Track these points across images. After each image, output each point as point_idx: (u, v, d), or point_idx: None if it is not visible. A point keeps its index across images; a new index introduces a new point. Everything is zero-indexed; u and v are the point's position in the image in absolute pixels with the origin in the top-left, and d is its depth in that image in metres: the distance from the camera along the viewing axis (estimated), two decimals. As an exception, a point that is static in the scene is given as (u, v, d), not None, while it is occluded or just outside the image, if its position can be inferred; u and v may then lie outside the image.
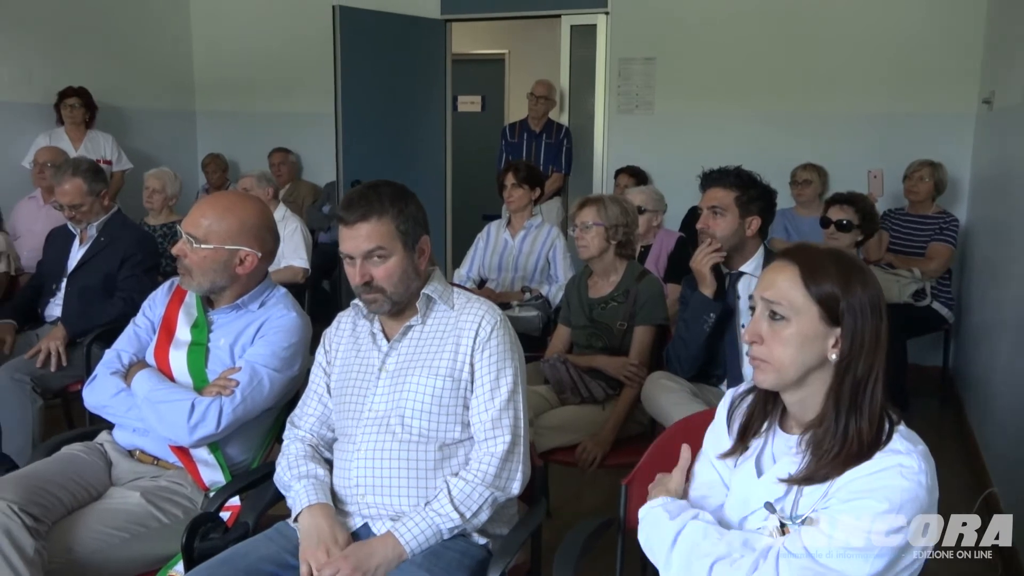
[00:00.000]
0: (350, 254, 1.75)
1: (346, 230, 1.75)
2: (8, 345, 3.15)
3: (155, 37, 6.08)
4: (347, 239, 1.75)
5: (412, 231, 1.76)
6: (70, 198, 3.23)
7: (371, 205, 1.73)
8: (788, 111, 5.12)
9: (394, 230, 1.74)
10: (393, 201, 1.74)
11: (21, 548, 1.67)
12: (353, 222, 1.73)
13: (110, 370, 2.08)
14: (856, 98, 4.95)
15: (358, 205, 1.73)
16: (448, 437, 1.74)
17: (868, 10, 4.88)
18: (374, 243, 1.73)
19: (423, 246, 1.80)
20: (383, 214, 1.73)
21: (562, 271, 3.89)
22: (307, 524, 1.71)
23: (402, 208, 1.75)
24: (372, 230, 1.73)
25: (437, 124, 5.77)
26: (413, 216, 1.77)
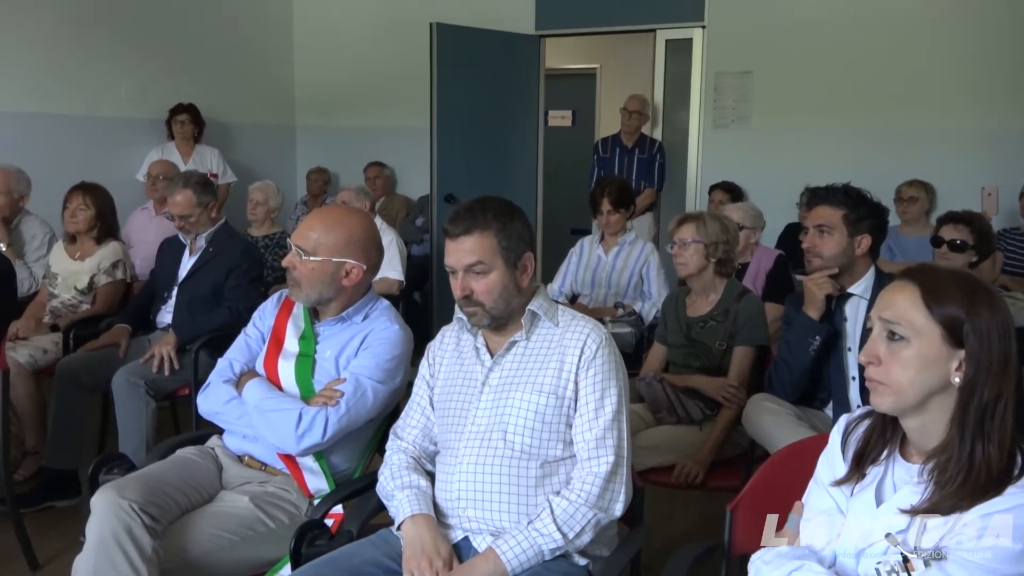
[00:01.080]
0: (453, 267, 1.78)
1: (450, 243, 1.77)
2: (123, 349, 3.31)
3: (260, 56, 6.33)
4: (451, 252, 1.77)
5: (515, 248, 1.77)
6: (180, 209, 3.37)
7: (475, 219, 1.74)
8: (891, 125, 4.95)
9: (496, 245, 1.75)
10: (497, 216, 1.75)
11: (141, 546, 1.74)
12: (457, 235, 1.75)
13: (223, 378, 2.16)
14: (966, 112, 4.75)
15: (463, 219, 1.75)
16: (550, 455, 1.74)
17: (979, 22, 4.67)
18: (475, 257, 1.74)
19: (526, 263, 1.80)
20: (486, 229, 1.74)
21: (656, 288, 3.85)
22: (411, 534, 1.72)
23: (506, 224, 1.76)
24: (474, 244, 1.74)
25: (529, 139, 5.80)
26: (517, 233, 1.77)
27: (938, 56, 4.78)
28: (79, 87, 5.05)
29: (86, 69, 5.07)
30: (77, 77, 5.03)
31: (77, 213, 3.67)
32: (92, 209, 3.67)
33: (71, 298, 3.68)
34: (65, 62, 4.95)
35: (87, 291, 3.67)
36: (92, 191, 3.70)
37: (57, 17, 4.87)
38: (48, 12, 4.82)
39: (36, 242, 3.96)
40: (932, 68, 4.80)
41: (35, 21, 4.76)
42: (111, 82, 5.24)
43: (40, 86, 4.84)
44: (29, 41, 4.75)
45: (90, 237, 3.70)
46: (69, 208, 3.69)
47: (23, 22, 4.71)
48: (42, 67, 4.84)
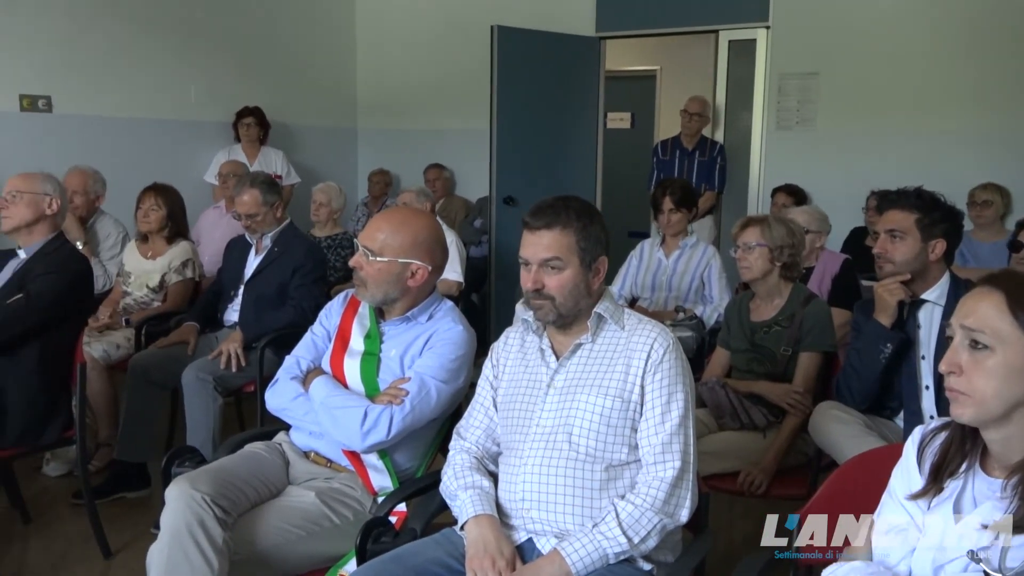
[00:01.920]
0: (528, 259, 1.79)
1: (529, 235, 1.78)
2: (192, 347, 3.39)
3: (323, 60, 6.45)
4: (528, 244, 1.78)
5: (591, 249, 1.77)
6: (247, 208, 3.45)
7: (557, 215, 1.75)
8: (962, 127, 4.79)
9: (574, 244, 1.75)
10: (579, 216, 1.76)
11: (212, 537, 1.79)
12: (537, 228, 1.77)
13: (290, 375, 2.20)
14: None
15: (545, 213, 1.76)
16: (615, 458, 1.73)
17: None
18: (552, 253, 1.75)
19: (599, 266, 1.80)
20: (567, 226, 1.75)
21: (717, 291, 3.80)
22: (474, 534, 1.73)
23: (587, 224, 1.76)
24: (553, 240, 1.75)
25: (588, 141, 5.79)
26: (596, 235, 1.78)
27: (1010, 56, 4.61)
28: (151, 92, 5.21)
29: (158, 74, 5.23)
30: (149, 82, 5.19)
31: (149, 213, 3.78)
32: (163, 209, 3.79)
33: (143, 296, 3.79)
34: (138, 68, 5.11)
35: (158, 289, 3.79)
36: (164, 192, 3.82)
37: (130, 24, 5.04)
38: (122, 20, 4.99)
39: (110, 241, 4.09)
40: (1004, 68, 4.63)
41: (109, 28, 4.94)
42: (181, 87, 5.39)
43: (115, 91, 5.01)
44: (104, 48, 4.92)
45: (161, 237, 3.82)
46: (142, 208, 3.81)
47: (98, 29, 4.88)
48: (116, 73, 5.01)
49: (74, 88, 4.81)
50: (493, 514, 1.77)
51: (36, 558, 2.89)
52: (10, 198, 2.73)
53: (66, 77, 4.77)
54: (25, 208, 2.73)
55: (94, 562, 2.82)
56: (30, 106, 4.64)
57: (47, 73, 4.69)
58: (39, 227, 2.77)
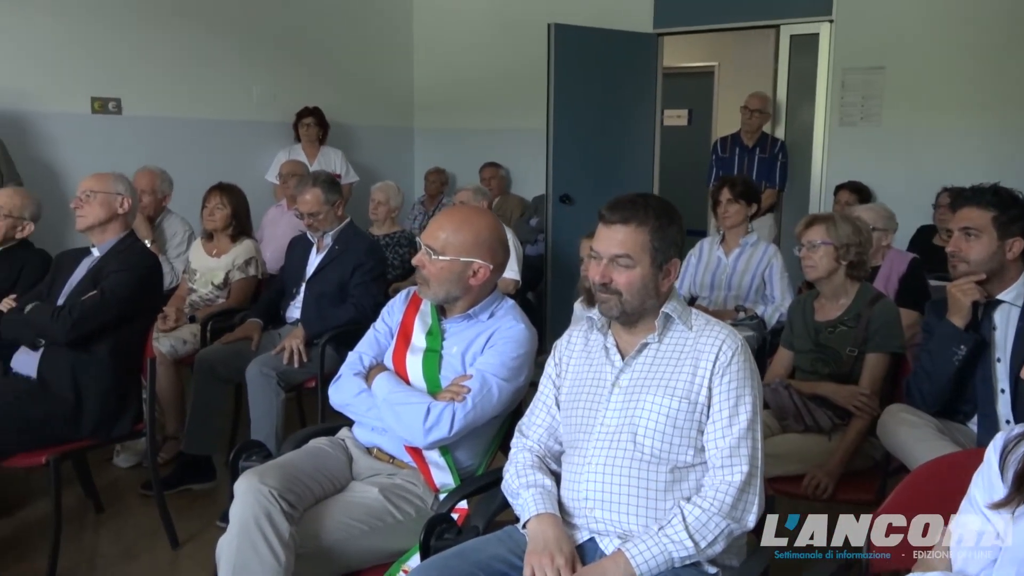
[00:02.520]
0: (599, 252, 1.77)
1: (603, 228, 1.77)
2: (255, 343, 3.46)
3: (381, 60, 6.52)
4: (601, 237, 1.77)
5: (665, 250, 1.75)
6: (309, 207, 3.51)
7: (635, 212, 1.74)
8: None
9: (647, 243, 1.74)
10: (657, 215, 1.74)
11: (279, 531, 1.82)
12: (612, 222, 1.75)
13: (353, 371, 2.22)
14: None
15: (623, 208, 1.75)
16: (680, 460, 1.71)
17: None
18: (624, 249, 1.74)
19: (671, 268, 1.78)
20: (642, 224, 1.73)
21: (779, 291, 3.73)
22: (535, 531, 1.73)
23: (663, 225, 1.74)
24: (627, 236, 1.74)
25: (645, 139, 5.74)
26: (671, 237, 1.76)
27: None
28: (216, 93, 5.35)
29: (222, 77, 5.36)
30: (213, 84, 5.32)
31: (215, 212, 3.87)
32: (228, 208, 3.87)
33: (208, 292, 3.88)
34: (203, 70, 5.25)
35: (222, 286, 3.87)
36: (229, 191, 3.90)
37: (196, 29, 5.17)
38: (188, 24, 5.13)
39: (177, 239, 4.20)
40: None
41: (176, 33, 5.07)
42: (244, 88, 5.52)
43: (181, 93, 5.16)
44: (171, 52, 5.06)
45: (226, 235, 3.90)
46: (207, 207, 3.90)
47: (165, 34, 5.02)
48: (183, 76, 5.15)
49: (142, 90, 4.95)
50: (555, 512, 1.76)
51: (108, 546, 2.98)
52: (84, 198, 2.82)
53: (135, 80, 4.92)
54: (98, 207, 2.81)
55: (162, 552, 2.90)
56: (101, 108, 4.80)
57: (117, 76, 4.84)
58: (111, 226, 2.85)
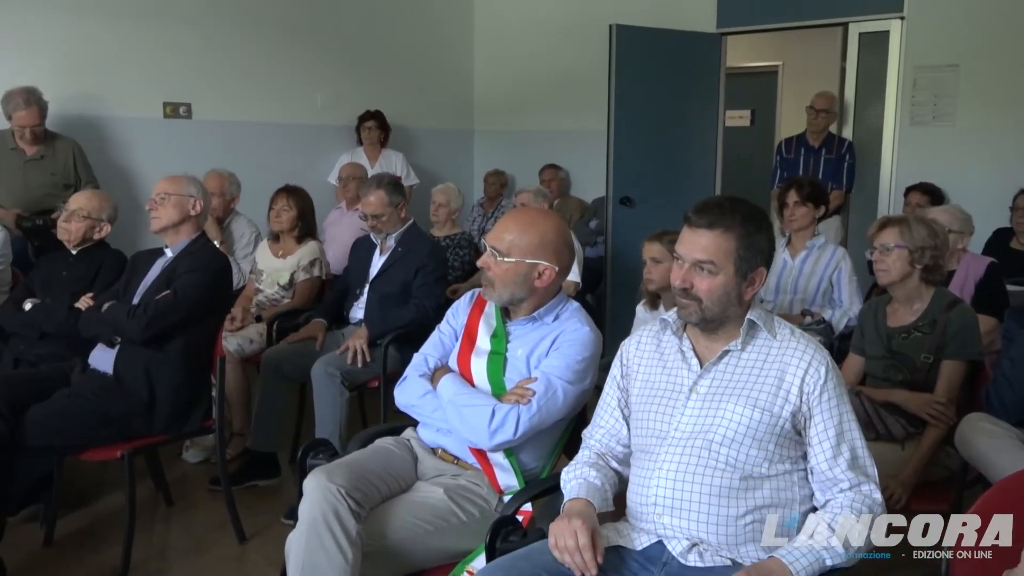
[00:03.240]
0: (682, 255, 1.75)
1: (688, 232, 1.74)
2: (320, 342, 3.52)
3: (441, 64, 6.57)
4: (685, 240, 1.74)
5: (750, 259, 1.71)
6: (373, 208, 3.55)
7: (722, 217, 1.70)
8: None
9: (732, 250, 1.70)
10: (744, 222, 1.70)
11: (347, 529, 1.84)
12: (698, 226, 1.72)
13: (418, 372, 2.24)
14: None
15: (709, 212, 1.71)
16: (755, 471, 1.68)
17: None
18: (707, 255, 1.70)
19: (756, 277, 1.74)
20: (728, 230, 1.70)
21: (847, 295, 3.64)
22: (566, 507, 1.75)
23: (750, 232, 1.70)
24: (711, 241, 1.70)
25: (707, 140, 5.66)
26: (758, 245, 1.71)
27: None
28: (281, 98, 5.45)
29: (287, 82, 5.47)
30: (279, 89, 5.43)
31: (281, 214, 3.95)
32: (294, 210, 3.94)
33: (273, 293, 3.96)
34: (269, 76, 5.36)
35: (287, 286, 3.94)
36: (295, 193, 3.98)
37: (262, 35, 5.28)
38: (255, 31, 5.24)
39: (244, 240, 4.29)
40: None
41: (243, 39, 5.19)
42: (308, 93, 5.61)
43: (248, 98, 5.28)
44: (238, 58, 5.19)
45: (291, 236, 3.98)
46: (274, 209, 3.98)
47: (233, 40, 5.14)
48: (250, 81, 5.27)
49: (211, 95, 5.08)
50: (590, 500, 1.75)
51: (177, 539, 3.06)
52: (159, 200, 2.90)
53: (204, 85, 5.05)
54: (172, 209, 2.89)
55: (230, 546, 2.97)
56: (172, 113, 4.94)
57: (187, 82, 4.97)
58: (184, 227, 2.92)
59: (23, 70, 4.16)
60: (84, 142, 4.33)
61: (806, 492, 1.72)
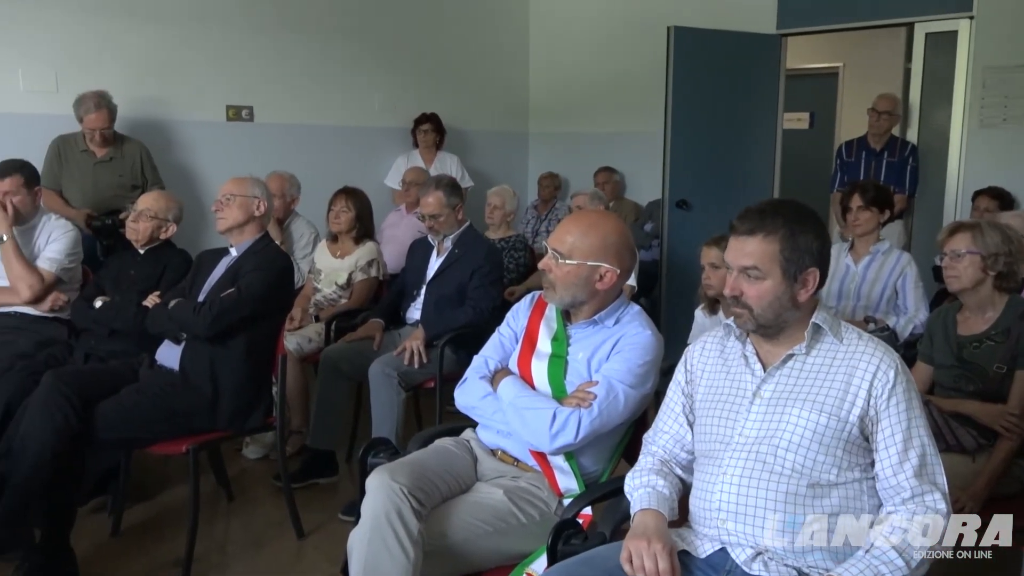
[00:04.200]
0: (728, 264, 1.74)
1: (733, 239, 1.73)
2: (377, 342, 3.55)
3: (497, 65, 6.59)
4: (731, 248, 1.73)
5: (797, 260, 1.68)
6: (431, 208, 3.57)
7: (763, 222, 1.68)
8: None
9: (776, 253, 1.67)
10: (787, 224, 1.68)
11: (409, 527, 1.85)
12: (740, 233, 1.71)
13: (479, 374, 2.24)
14: None
15: (751, 218, 1.70)
16: (822, 478, 1.64)
17: None
18: (751, 261, 1.68)
19: (808, 278, 1.70)
20: (771, 234, 1.67)
21: (912, 302, 3.55)
22: (637, 521, 1.74)
23: (795, 233, 1.68)
24: (755, 247, 1.68)
25: (765, 143, 5.57)
26: (804, 245, 1.68)
27: None
28: (340, 101, 5.54)
29: (346, 85, 5.55)
30: (338, 92, 5.52)
31: (340, 215, 4.00)
32: (353, 211, 3.99)
33: (332, 293, 4.01)
34: (328, 79, 5.44)
35: (345, 286, 4.00)
36: (354, 195, 4.03)
37: (322, 39, 5.37)
38: (315, 35, 5.33)
39: (303, 241, 4.36)
40: None
41: (304, 44, 5.28)
42: (367, 96, 5.69)
43: (308, 101, 5.36)
44: (299, 62, 5.28)
45: (350, 237, 4.03)
46: (333, 210, 4.04)
47: (294, 45, 5.24)
48: (310, 84, 5.35)
49: (273, 99, 5.18)
50: (661, 512, 1.74)
51: (238, 534, 3.12)
52: (224, 201, 2.97)
53: (266, 89, 5.15)
54: (237, 210, 2.95)
55: (289, 541, 3.01)
56: (235, 116, 5.05)
57: (249, 85, 5.08)
58: (249, 227, 2.98)
59: (95, 75, 4.29)
60: (151, 144, 4.45)
61: (876, 501, 1.68)
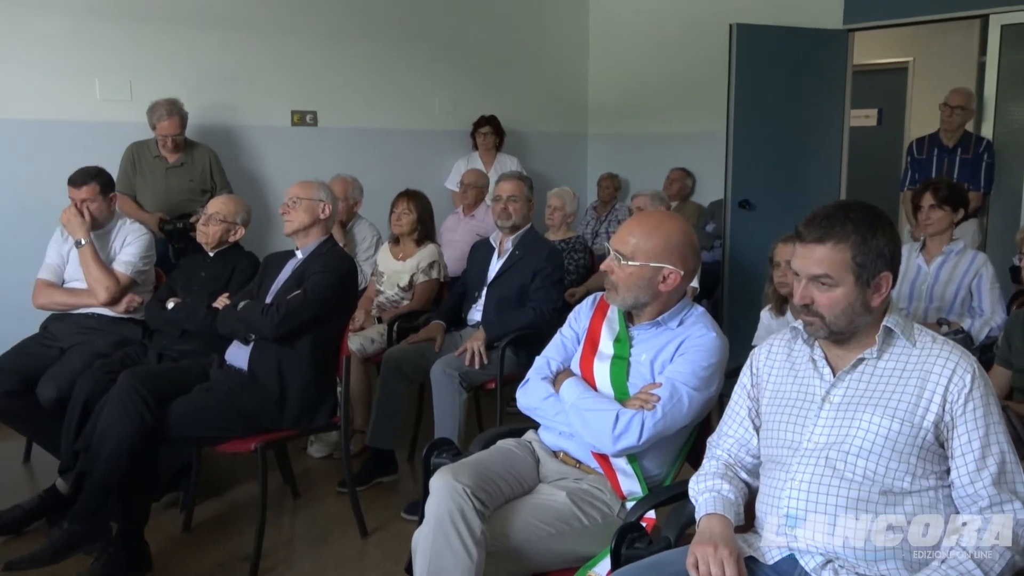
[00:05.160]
0: (797, 272, 1.69)
1: (800, 247, 1.68)
2: (438, 344, 3.58)
3: (556, 67, 6.58)
4: (799, 256, 1.68)
5: (870, 265, 1.63)
6: (509, 190, 3.62)
7: (832, 228, 1.63)
8: None
9: (848, 260, 1.62)
10: (858, 228, 1.63)
11: (472, 528, 1.86)
12: (808, 241, 1.66)
13: (541, 375, 2.24)
14: None
15: (818, 225, 1.65)
16: (895, 486, 1.60)
17: None
18: (822, 269, 1.64)
19: (882, 282, 1.65)
20: (841, 240, 1.63)
21: (988, 304, 3.43)
22: (703, 527, 1.72)
23: (866, 238, 1.62)
24: (825, 255, 1.63)
25: (831, 141, 5.44)
26: (877, 249, 1.63)
27: None
28: (401, 105, 5.61)
29: (407, 89, 5.62)
30: (400, 96, 5.59)
31: (402, 217, 4.05)
32: (414, 213, 4.04)
33: (393, 294, 4.06)
34: (390, 84, 5.52)
35: (407, 288, 4.04)
36: (415, 197, 4.07)
37: (384, 44, 5.45)
38: (377, 40, 5.41)
39: (366, 243, 4.42)
40: None
41: (366, 49, 5.37)
42: (427, 99, 5.75)
43: (370, 105, 5.45)
44: (361, 67, 5.37)
45: (411, 239, 4.07)
46: (395, 212, 4.09)
47: (357, 50, 5.32)
48: (372, 89, 5.44)
49: (336, 104, 5.28)
50: (727, 516, 1.72)
51: (303, 530, 3.18)
52: (291, 204, 3.03)
53: (329, 94, 5.25)
54: (303, 213, 3.01)
55: (352, 539, 3.05)
56: (299, 121, 5.16)
57: (313, 91, 5.18)
58: (314, 230, 3.04)
59: (167, 83, 4.44)
60: (219, 149, 4.57)
61: (952, 511, 1.63)
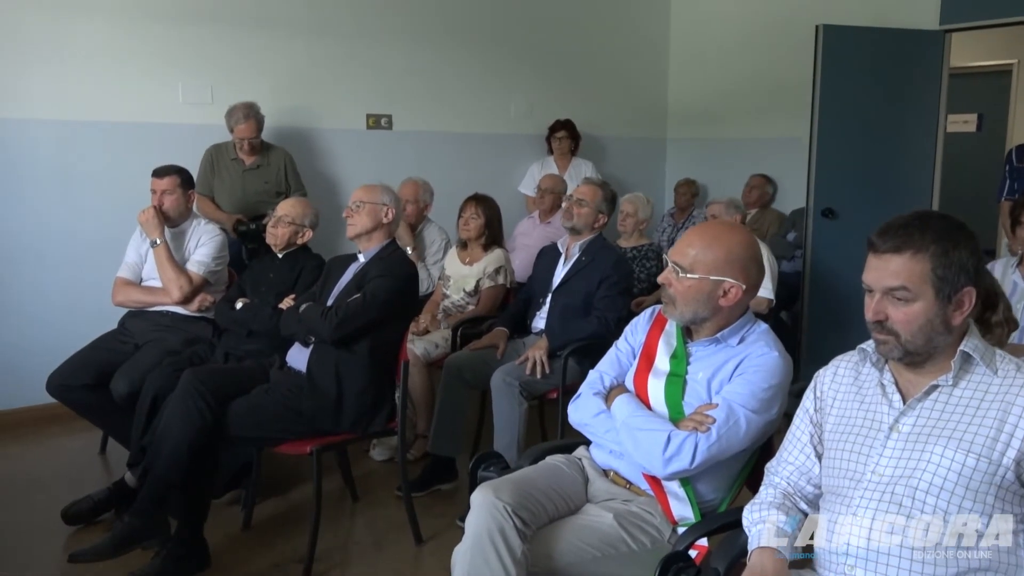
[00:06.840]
0: (870, 286, 1.56)
1: (873, 258, 1.56)
2: (501, 351, 3.54)
3: (635, 70, 6.46)
4: (871, 268, 1.56)
5: (952, 279, 1.50)
6: (583, 193, 3.56)
7: (910, 237, 1.51)
8: None
9: (928, 272, 1.50)
10: (938, 239, 1.50)
11: (511, 547, 1.80)
12: (883, 251, 1.53)
13: (593, 390, 2.17)
14: None
15: (895, 234, 1.52)
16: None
17: None
18: (899, 281, 1.51)
19: (964, 298, 1.52)
20: (920, 251, 1.50)
21: (1093, 326, 3.16)
22: (754, 560, 1.62)
23: (948, 250, 1.49)
24: (902, 266, 1.51)
25: (924, 148, 5.16)
26: (959, 262, 1.50)
27: None
28: (476, 109, 5.61)
29: (482, 93, 5.61)
30: (474, 100, 5.59)
31: (469, 221, 4.02)
32: (482, 218, 4.01)
33: (459, 299, 4.04)
34: (464, 87, 5.52)
35: (473, 293, 4.01)
36: (484, 202, 4.04)
37: (458, 48, 5.46)
38: (452, 44, 5.42)
39: (435, 247, 4.42)
40: None
41: (441, 52, 5.39)
42: (502, 103, 5.73)
43: (444, 109, 5.46)
44: (436, 70, 5.39)
45: (479, 244, 4.04)
46: (463, 217, 4.07)
47: (432, 54, 5.34)
48: (446, 92, 5.45)
49: (411, 107, 5.31)
50: (781, 551, 1.61)
51: (360, 533, 3.18)
52: (354, 207, 3.03)
53: (404, 98, 5.28)
54: (366, 217, 3.02)
55: (407, 546, 3.04)
56: (374, 124, 5.21)
57: (388, 95, 5.23)
58: (376, 234, 3.04)
59: (245, 87, 4.54)
60: (295, 152, 4.65)
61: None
